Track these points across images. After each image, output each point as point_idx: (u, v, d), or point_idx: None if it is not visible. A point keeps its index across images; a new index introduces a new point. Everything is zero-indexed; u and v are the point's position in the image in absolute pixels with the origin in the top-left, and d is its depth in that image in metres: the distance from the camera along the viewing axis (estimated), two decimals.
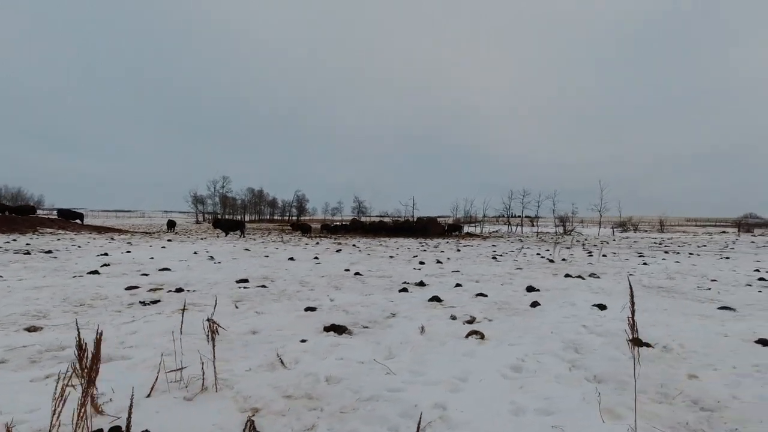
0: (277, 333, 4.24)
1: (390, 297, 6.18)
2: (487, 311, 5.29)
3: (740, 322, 4.98)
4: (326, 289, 6.83)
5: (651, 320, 4.95)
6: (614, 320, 4.86)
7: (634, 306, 2.30)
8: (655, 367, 3.41)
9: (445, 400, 2.64)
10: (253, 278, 7.66)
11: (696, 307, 6.02)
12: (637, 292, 7.19)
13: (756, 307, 6.09)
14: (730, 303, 6.38)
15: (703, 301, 6.59)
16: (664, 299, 6.64)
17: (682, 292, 7.35)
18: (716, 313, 5.55)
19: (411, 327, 4.47)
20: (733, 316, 5.42)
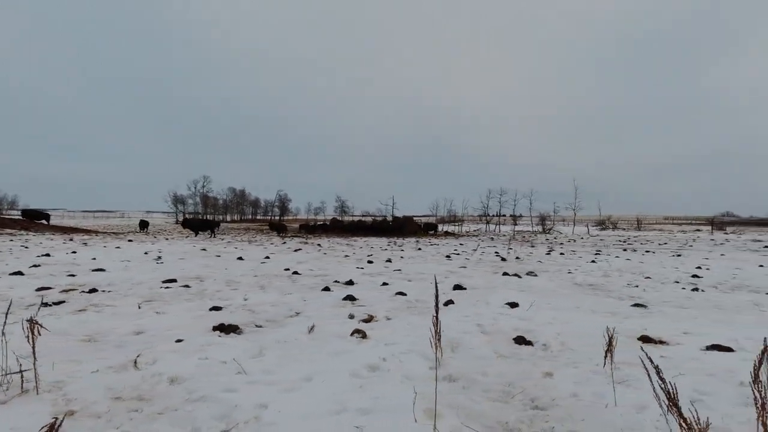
0: (164, 333, 4.17)
1: (307, 296, 6.14)
2: (395, 310, 5.28)
3: (640, 320, 5.06)
4: (250, 288, 6.76)
5: (553, 318, 4.99)
6: (514, 318, 4.89)
7: (438, 307, 2.29)
8: (518, 365, 3.43)
9: (271, 401, 2.61)
10: (183, 278, 7.54)
11: (610, 305, 6.11)
12: (565, 291, 7.28)
13: (669, 304, 6.22)
14: (647, 300, 6.50)
15: (623, 298, 6.70)
16: (585, 297, 6.73)
17: (609, 289, 7.46)
18: (625, 311, 5.63)
19: (303, 326, 4.43)
20: (640, 314, 5.50)
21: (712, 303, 6.31)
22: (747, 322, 4.96)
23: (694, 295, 6.93)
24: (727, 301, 6.47)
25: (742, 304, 6.29)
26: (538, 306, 5.63)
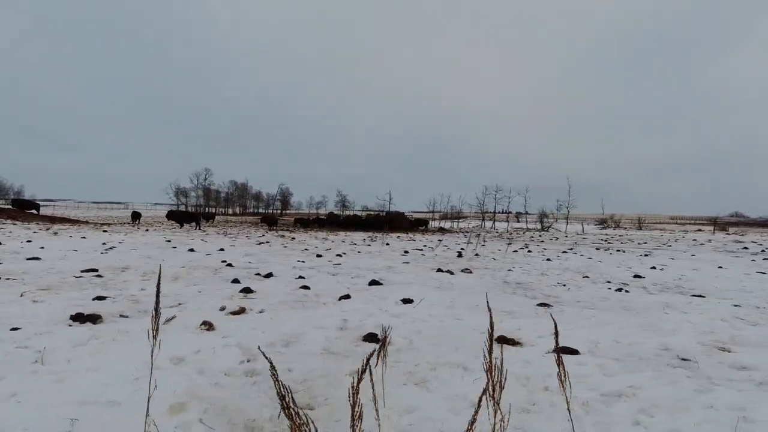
0: (18, 321, 4.17)
1: (207, 288, 6.14)
2: (279, 304, 5.26)
3: (526, 319, 5.00)
4: (163, 279, 6.77)
5: (429, 315, 4.94)
6: (389, 315, 4.85)
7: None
8: (339, 363, 3.39)
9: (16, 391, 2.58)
10: (107, 268, 7.59)
11: (517, 303, 6.05)
12: (483, 288, 7.19)
13: (578, 305, 6.13)
14: (561, 300, 6.42)
15: (537, 297, 6.61)
16: (497, 295, 6.65)
17: (532, 288, 7.36)
18: (525, 310, 5.56)
19: (167, 316, 4.42)
20: (535, 313, 5.44)
21: (623, 305, 6.18)
22: (626, 324, 4.87)
23: (613, 295, 6.81)
24: (641, 302, 6.35)
25: (652, 305, 6.17)
26: (431, 303, 5.58)
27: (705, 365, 3.60)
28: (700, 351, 3.92)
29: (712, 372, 3.41)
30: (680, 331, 4.80)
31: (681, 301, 6.60)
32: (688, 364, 3.58)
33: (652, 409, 2.60)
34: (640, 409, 2.59)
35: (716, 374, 3.35)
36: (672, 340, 4.24)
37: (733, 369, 3.45)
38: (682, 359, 3.77)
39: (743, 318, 5.48)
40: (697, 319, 5.38)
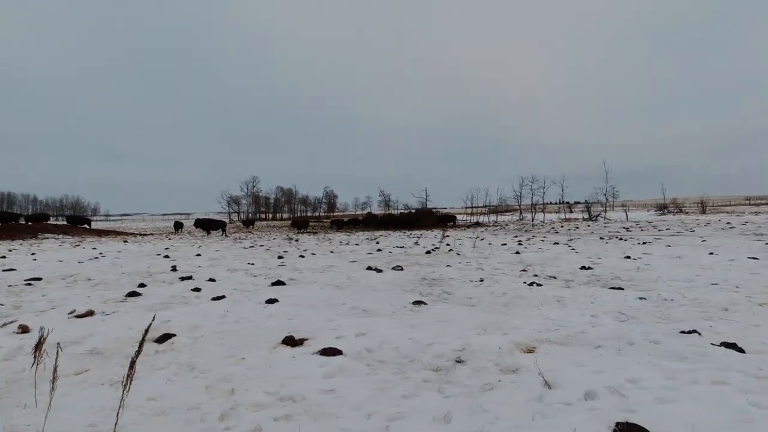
0: None
1: (93, 293, 6.57)
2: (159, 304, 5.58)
3: (369, 318, 4.94)
4: (68, 285, 7.31)
5: (270, 315, 5.01)
6: (213, 315, 4.99)
7: None
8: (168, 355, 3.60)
9: None
10: (53, 276, 8.34)
11: (394, 300, 5.96)
12: (386, 286, 7.09)
13: (459, 302, 5.90)
14: (449, 296, 6.24)
15: (431, 294, 6.46)
16: (392, 292, 6.55)
17: (443, 284, 7.15)
18: (390, 308, 5.48)
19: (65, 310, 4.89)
20: (394, 311, 5.33)
21: (511, 301, 5.84)
22: (473, 323, 4.66)
23: (518, 290, 6.48)
24: (536, 297, 5.98)
25: (544, 300, 5.80)
26: (293, 302, 5.66)
27: (469, 368, 3.40)
28: (500, 351, 3.69)
29: (459, 376, 3.21)
30: (524, 327, 4.52)
31: (587, 293, 6.12)
32: (450, 367, 3.38)
33: None
34: None
35: (460, 378, 3.16)
36: (491, 339, 4.02)
37: (494, 372, 3.24)
38: (456, 361, 3.57)
39: (624, 312, 5.02)
40: (560, 313, 5.00)
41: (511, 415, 2.50)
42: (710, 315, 4.76)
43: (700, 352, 3.53)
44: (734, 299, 5.47)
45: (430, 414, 2.56)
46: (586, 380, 3.01)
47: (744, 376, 3.00)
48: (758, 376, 3.00)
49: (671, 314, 4.85)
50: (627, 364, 3.29)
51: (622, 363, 3.33)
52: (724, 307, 5.10)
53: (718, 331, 4.15)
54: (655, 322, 4.56)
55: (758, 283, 6.58)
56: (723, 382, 2.92)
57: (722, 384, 2.90)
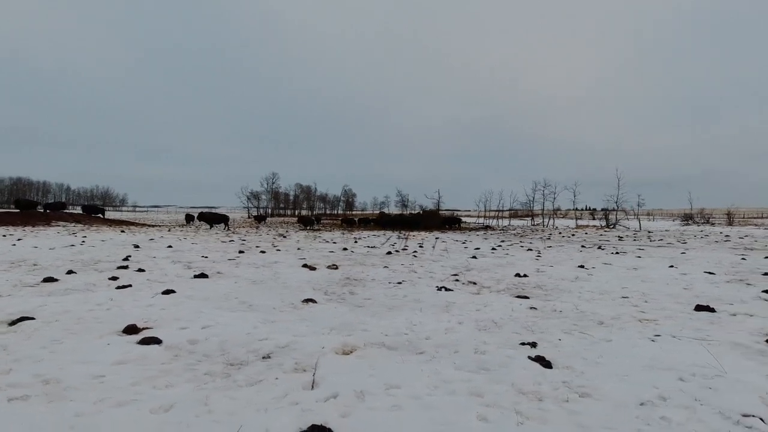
0: None
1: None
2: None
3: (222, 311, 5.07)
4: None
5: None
6: (108, 302, 5.22)
7: None
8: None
9: None
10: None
11: (297, 295, 6.04)
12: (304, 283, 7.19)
13: (375, 302, 5.95)
14: (363, 294, 6.28)
15: (339, 292, 6.50)
16: (282, 292, 6.64)
17: (366, 283, 7.19)
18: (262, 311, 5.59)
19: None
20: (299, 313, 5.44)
21: (404, 301, 5.87)
22: (330, 323, 4.74)
23: (424, 293, 6.47)
24: (431, 301, 5.98)
25: (438, 304, 5.80)
26: (188, 295, 5.85)
27: (264, 364, 3.49)
28: (322, 351, 3.81)
29: (247, 371, 3.32)
30: (376, 330, 4.57)
31: (484, 301, 6.07)
32: (249, 361, 3.49)
33: None
34: None
35: (242, 373, 3.27)
36: (325, 339, 4.13)
37: (285, 369, 3.33)
38: (263, 357, 3.66)
39: (495, 321, 4.98)
40: (426, 319, 5.01)
41: (237, 410, 2.57)
42: (575, 328, 4.67)
43: (506, 364, 3.51)
44: (622, 313, 5.33)
45: (159, 402, 2.66)
46: (352, 382, 3.05)
47: (510, 389, 2.98)
48: (523, 391, 2.97)
49: (537, 325, 4.77)
50: (414, 372, 3.30)
51: (413, 370, 3.35)
52: (601, 321, 4.98)
53: (557, 344, 4.09)
54: (512, 332, 4.51)
55: (673, 297, 6.37)
56: (478, 394, 2.91)
57: (476, 396, 2.89)
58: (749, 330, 4.61)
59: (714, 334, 4.46)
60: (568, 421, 2.54)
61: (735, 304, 5.94)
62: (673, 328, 4.65)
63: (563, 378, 3.18)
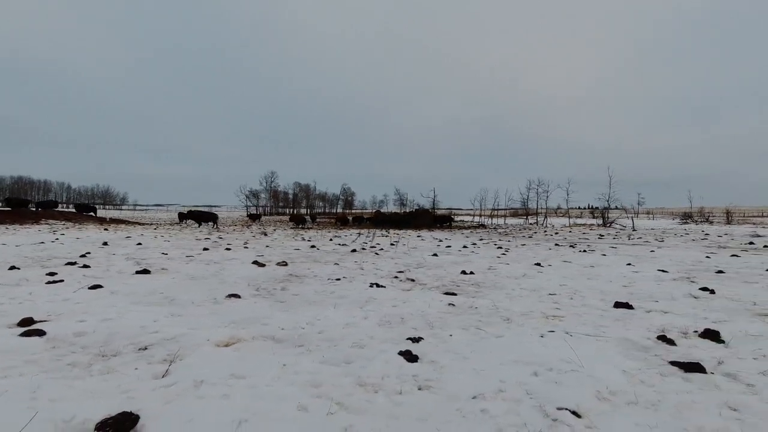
0: None
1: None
2: None
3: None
4: None
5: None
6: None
7: None
8: None
9: None
10: None
11: (225, 291, 6.10)
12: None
13: (300, 297, 6.00)
14: (294, 289, 6.33)
15: (271, 288, 6.56)
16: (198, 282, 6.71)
17: (305, 279, 7.24)
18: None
19: None
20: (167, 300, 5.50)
21: (325, 296, 5.92)
22: (235, 317, 4.81)
23: (356, 288, 6.51)
24: (353, 297, 6.03)
25: (359, 299, 5.83)
26: (113, 289, 5.92)
27: (136, 355, 3.55)
28: (207, 342, 3.88)
29: (111, 362, 3.37)
30: (274, 324, 4.60)
31: (407, 297, 6.10)
32: (123, 352, 3.55)
33: None
34: None
35: (106, 363, 3.33)
36: (215, 332, 4.19)
37: (154, 362, 3.39)
38: (139, 348, 3.70)
39: (403, 317, 5.02)
40: (332, 314, 5.05)
41: (64, 397, 2.64)
42: (478, 324, 4.73)
43: (372, 357, 3.59)
44: (535, 310, 5.37)
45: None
46: (203, 372, 3.10)
47: (354, 381, 3.03)
48: (365, 383, 3.01)
49: (443, 321, 4.83)
50: (273, 363, 3.36)
51: (275, 361, 3.40)
52: (508, 317, 5.02)
53: (445, 339, 4.16)
54: (411, 327, 4.57)
55: (604, 294, 6.42)
56: (316, 385, 2.95)
57: (313, 387, 2.94)
58: (649, 327, 4.62)
59: (611, 331, 4.48)
60: (385, 413, 2.58)
61: (660, 302, 5.94)
62: (574, 325, 4.67)
63: (416, 372, 3.22)
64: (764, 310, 5.47)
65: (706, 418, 2.56)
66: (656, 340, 4.16)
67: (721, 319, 5.00)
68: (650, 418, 2.56)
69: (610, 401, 2.79)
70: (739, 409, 2.70)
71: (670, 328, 4.59)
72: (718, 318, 5.04)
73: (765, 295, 6.35)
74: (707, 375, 3.27)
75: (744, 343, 4.10)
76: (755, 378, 3.21)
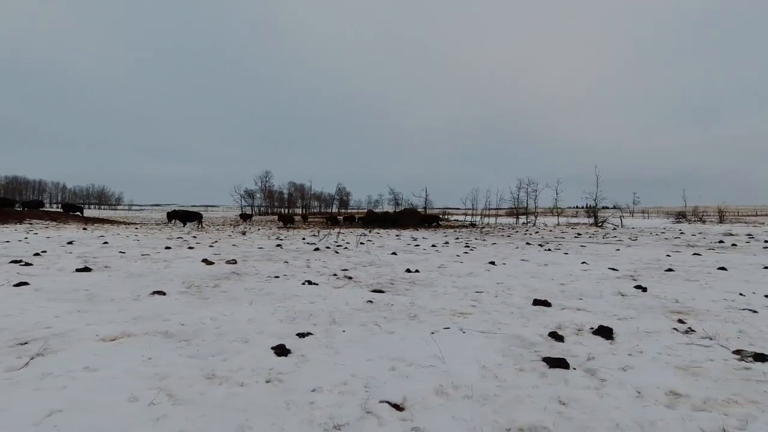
0: None
1: None
2: None
3: None
4: None
5: None
6: None
7: None
8: None
9: None
10: None
11: (156, 287, 6.13)
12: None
13: (226, 294, 6.03)
14: (227, 286, 6.35)
15: (205, 285, 6.59)
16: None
17: (243, 276, 7.27)
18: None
19: None
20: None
21: (254, 294, 5.94)
22: (134, 312, 4.83)
23: (286, 286, 6.53)
24: (278, 294, 6.05)
25: (286, 295, 5.86)
26: (38, 286, 5.95)
27: (6, 347, 3.57)
28: (96, 338, 3.92)
29: None
30: (175, 320, 4.62)
31: (327, 294, 6.11)
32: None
33: None
34: None
35: None
36: (103, 328, 4.23)
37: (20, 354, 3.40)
38: (19, 344, 3.73)
39: (312, 313, 5.04)
40: (233, 308, 5.07)
41: None
42: (381, 321, 4.77)
43: (243, 350, 3.59)
44: (447, 307, 5.41)
45: None
46: (65, 364, 3.14)
47: (200, 374, 3.06)
48: (216, 375, 3.04)
49: (349, 317, 4.87)
50: (139, 355, 3.38)
51: (142, 353, 3.43)
52: (416, 314, 5.06)
53: (334, 335, 4.16)
54: (311, 324, 4.58)
55: (533, 291, 6.46)
56: (162, 377, 2.98)
57: (157, 379, 2.97)
58: (549, 324, 4.65)
59: (508, 328, 4.50)
60: (213, 404, 2.61)
61: (584, 299, 5.97)
62: (476, 323, 4.69)
63: (275, 365, 3.26)
64: (681, 308, 5.50)
65: (528, 413, 2.59)
66: (546, 337, 4.19)
67: (630, 316, 5.04)
68: (471, 411, 2.59)
69: (448, 395, 2.82)
70: (569, 403, 2.73)
71: (569, 325, 4.62)
72: (627, 315, 5.08)
73: (693, 294, 6.38)
74: (568, 370, 3.30)
75: (631, 340, 4.13)
76: (612, 374, 3.24)
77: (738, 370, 3.36)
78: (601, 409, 2.66)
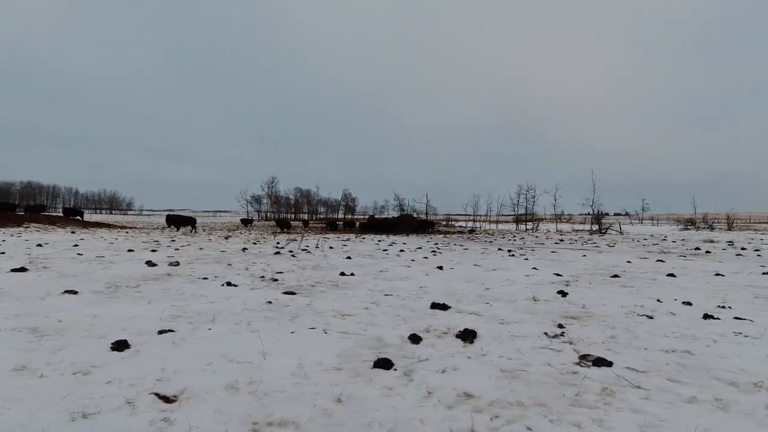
0: None
1: None
2: None
3: None
4: None
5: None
6: None
7: None
8: None
9: None
10: None
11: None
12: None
13: (161, 293, 6.16)
14: (163, 286, 6.48)
15: (153, 288, 6.73)
16: None
17: (183, 276, 7.41)
18: None
19: None
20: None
21: (188, 296, 6.06)
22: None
23: (217, 288, 6.64)
24: (212, 294, 6.15)
25: (217, 296, 5.95)
26: None
27: None
28: None
29: None
30: (106, 318, 4.74)
31: (250, 295, 6.19)
32: None
33: None
34: None
35: None
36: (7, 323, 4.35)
37: None
38: None
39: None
40: (137, 309, 5.18)
41: None
42: (271, 319, 4.81)
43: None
44: (340, 308, 5.47)
45: None
46: None
47: (70, 368, 3.17)
48: (81, 372, 3.14)
49: (238, 315, 4.94)
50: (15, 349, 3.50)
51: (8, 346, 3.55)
52: (297, 315, 5.09)
53: (202, 331, 4.23)
54: (205, 321, 4.66)
55: (451, 295, 6.41)
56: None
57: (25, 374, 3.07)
58: (421, 327, 4.66)
59: (379, 330, 4.54)
60: (4, 396, 2.69)
61: (493, 304, 5.93)
62: (350, 324, 4.73)
63: (95, 360, 3.34)
64: (580, 313, 5.45)
65: (292, 408, 2.63)
66: (405, 339, 4.21)
67: (515, 320, 5.03)
68: (240, 406, 2.64)
69: (237, 390, 2.87)
70: (345, 401, 2.76)
71: (440, 327, 4.62)
72: (513, 319, 5.07)
73: (609, 300, 6.30)
74: (387, 371, 3.33)
75: (489, 343, 4.13)
76: (427, 375, 3.26)
77: (563, 374, 3.35)
78: (373, 407, 2.68)
